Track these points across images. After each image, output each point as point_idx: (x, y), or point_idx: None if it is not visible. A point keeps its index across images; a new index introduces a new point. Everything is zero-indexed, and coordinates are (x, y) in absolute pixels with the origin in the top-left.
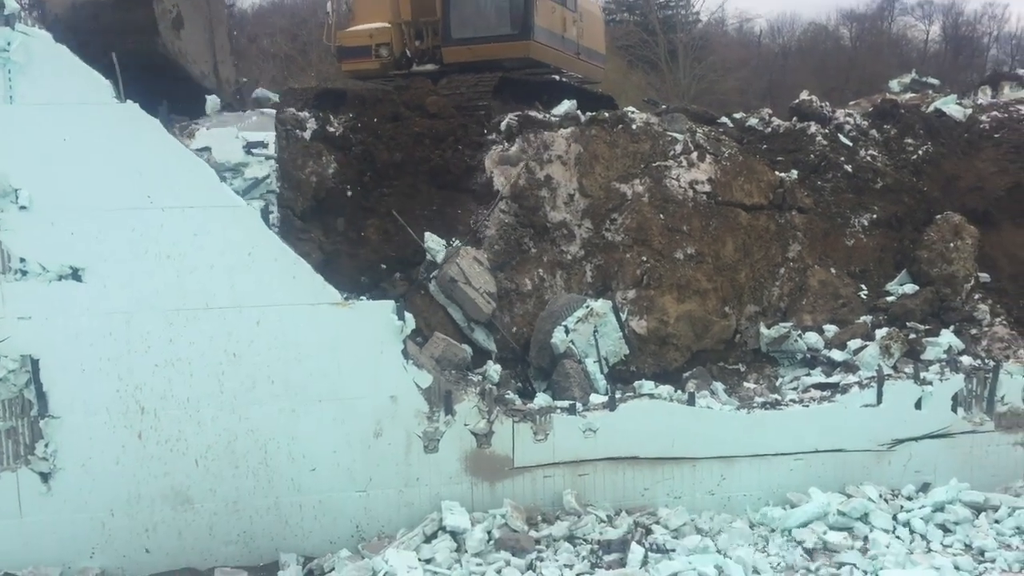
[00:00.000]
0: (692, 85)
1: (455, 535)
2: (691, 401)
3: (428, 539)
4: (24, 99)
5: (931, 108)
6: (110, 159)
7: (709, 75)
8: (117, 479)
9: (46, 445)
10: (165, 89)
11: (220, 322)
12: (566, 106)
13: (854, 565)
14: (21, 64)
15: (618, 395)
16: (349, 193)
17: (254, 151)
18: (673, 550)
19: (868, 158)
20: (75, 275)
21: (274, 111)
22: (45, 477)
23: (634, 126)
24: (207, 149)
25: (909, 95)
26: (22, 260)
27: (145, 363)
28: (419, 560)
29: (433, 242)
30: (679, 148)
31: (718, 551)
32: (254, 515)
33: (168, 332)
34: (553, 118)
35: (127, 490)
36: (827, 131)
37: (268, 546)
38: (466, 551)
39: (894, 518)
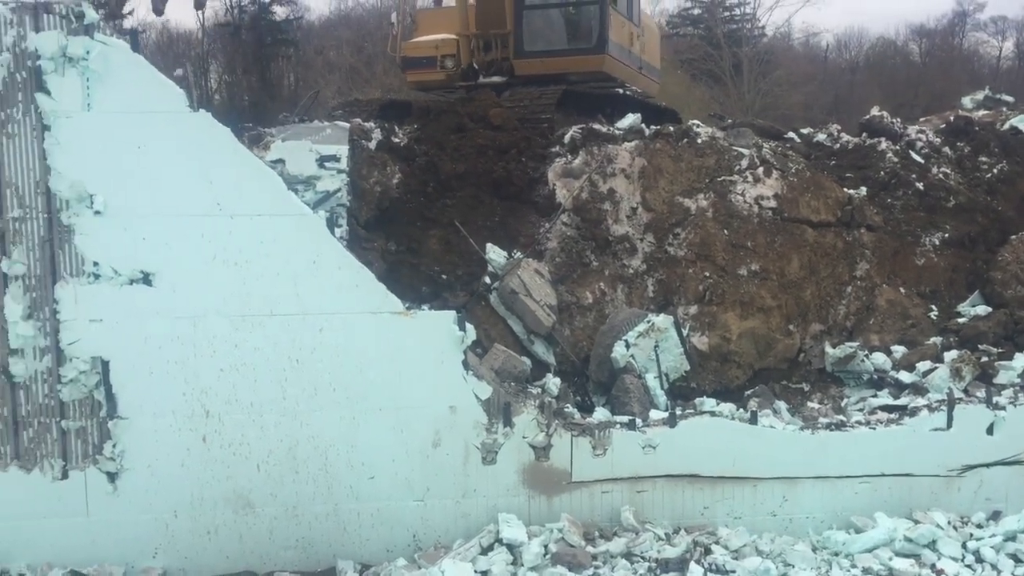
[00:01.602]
0: (756, 99)
1: (512, 548)
2: (753, 420)
3: (485, 551)
4: (101, 107)
5: (1006, 126)
6: (182, 166)
7: (774, 90)
8: (181, 481)
9: (114, 446)
10: None
11: (284, 329)
12: (630, 119)
13: None
14: (99, 73)
15: (679, 412)
16: (412, 204)
17: (326, 164)
18: (733, 571)
19: (940, 176)
20: (145, 279)
21: (347, 124)
22: (112, 477)
23: (699, 140)
24: (280, 161)
25: (982, 112)
26: (95, 264)
27: (211, 367)
28: (475, 572)
29: (495, 253)
30: (745, 163)
31: (780, 574)
32: (313, 521)
33: (234, 337)
34: (617, 131)
35: (191, 492)
36: (898, 148)
37: (326, 552)
38: (522, 564)
39: (963, 546)
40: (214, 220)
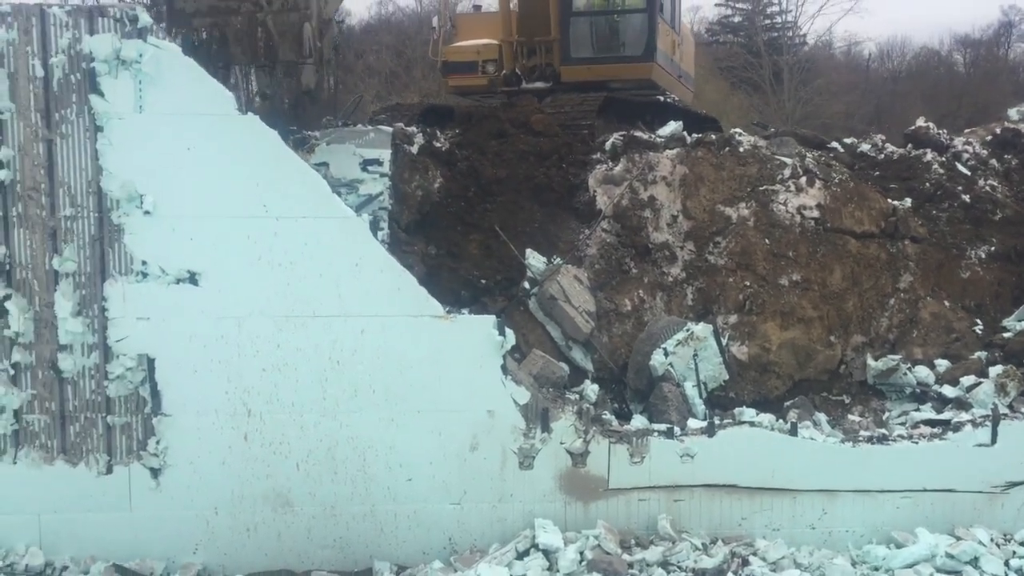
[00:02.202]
0: (797, 108)
1: (547, 554)
2: (793, 431)
3: (520, 556)
4: (152, 109)
5: None
6: (229, 168)
7: (815, 98)
8: (222, 478)
9: (157, 442)
10: None
11: (326, 330)
12: (672, 127)
13: None
14: (151, 75)
15: (717, 421)
16: (453, 208)
17: (369, 168)
18: None
19: (987, 188)
20: (192, 279)
21: (390, 128)
22: (155, 473)
23: (741, 149)
24: (324, 164)
25: None
26: (143, 263)
27: (253, 367)
28: None
29: (534, 259)
30: (787, 172)
31: None
32: (350, 521)
33: (276, 338)
34: (658, 139)
35: (231, 490)
36: (944, 159)
37: (363, 552)
38: (558, 571)
39: (1006, 564)
40: (260, 222)
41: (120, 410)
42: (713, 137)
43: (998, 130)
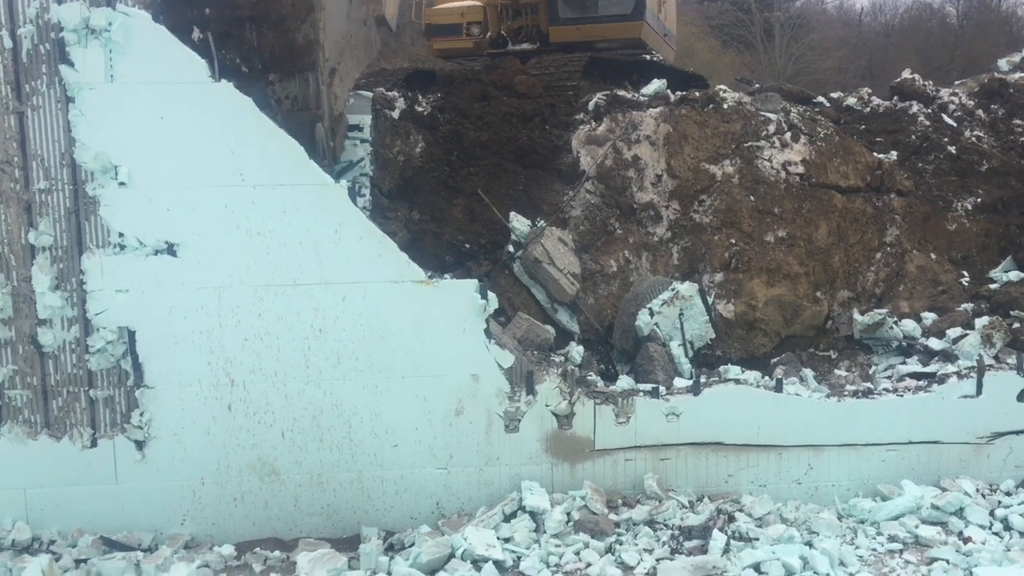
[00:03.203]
0: (788, 65)
1: (534, 515)
2: (779, 387)
3: (507, 518)
4: (124, 78)
5: None
6: (205, 137)
7: (806, 54)
8: (207, 449)
9: (141, 414)
10: None
11: (307, 298)
12: (656, 85)
13: (947, 561)
14: (121, 44)
15: (703, 379)
16: (435, 173)
17: (349, 134)
18: (757, 539)
19: (973, 139)
20: (170, 250)
21: (370, 94)
22: (140, 445)
23: (725, 105)
24: None
25: (1019, 75)
26: (120, 235)
27: (235, 337)
28: (498, 539)
29: (518, 222)
30: (772, 128)
31: (805, 543)
32: (338, 488)
33: (257, 307)
34: (642, 98)
35: (217, 460)
36: (930, 111)
37: (351, 519)
38: (545, 532)
39: (991, 514)
40: (237, 190)
41: (102, 383)
42: (697, 95)
43: (986, 80)
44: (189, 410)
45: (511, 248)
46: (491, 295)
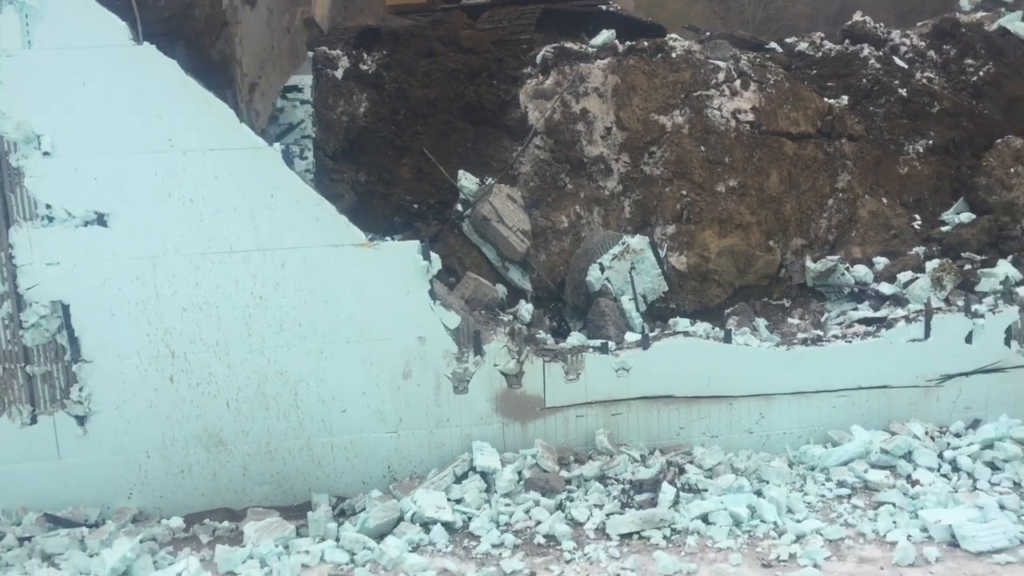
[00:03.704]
0: (758, 12)
1: (485, 476)
2: (728, 338)
3: (459, 480)
4: (42, 44)
5: (995, 26)
6: (129, 102)
7: (776, 1)
8: (151, 422)
9: (80, 389)
10: None
11: (245, 265)
12: (604, 36)
13: (894, 504)
14: (36, 8)
15: (653, 333)
16: (382, 132)
17: (289, 96)
18: (705, 490)
19: (924, 81)
20: (100, 220)
21: (310, 53)
22: (81, 420)
23: (674, 54)
24: None
25: (981, 14)
26: (48, 206)
27: (173, 307)
28: (448, 500)
29: (467, 180)
30: (721, 76)
31: (755, 492)
32: (286, 456)
33: (194, 276)
34: (591, 49)
35: (161, 432)
36: (881, 54)
37: (301, 487)
38: (496, 491)
39: (940, 456)
40: (166, 157)
41: (39, 359)
42: (645, 44)
43: (938, 21)
44: (130, 383)
45: (460, 207)
46: (434, 256)
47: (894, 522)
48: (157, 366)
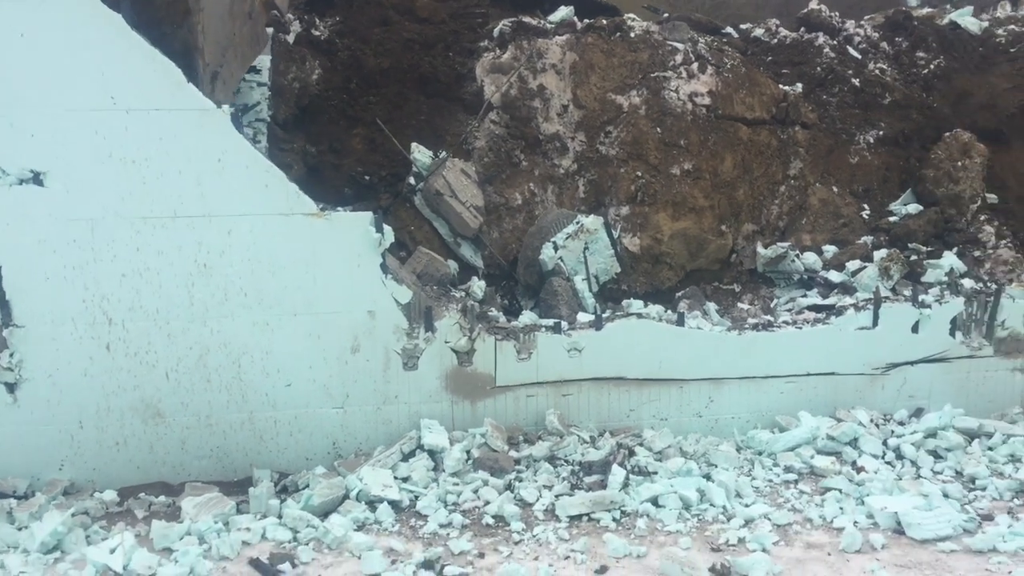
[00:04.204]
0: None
1: (433, 454)
2: (680, 321)
3: (406, 458)
4: None
5: (946, 20)
6: (69, 57)
7: None
8: (85, 391)
9: (11, 355)
10: None
11: (189, 231)
12: (563, 12)
13: (839, 490)
14: None
15: (606, 314)
16: (334, 101)
17: (246, 76)
18: (655, 472)
19: (877, 72)
20: (36, 179)
21: (269, 29)
22: (11, 388)
23: (633, 34)
24: None
25: (927, 10)
26: None
27: (112, 272)
28: (395, 478)
29: (420, 153)
30: (679, 59)
31: (703, 475)
32: (228, 430)
33: (135, 241)
34: (549, 24)
35: (96, 402)
36: (836, 43)
37: (243, 461)
38: (443, 470)
39: (884, 443)
40: (108, 115)
41: None
42: (604, 22)
43: (891, 13)
44: (64, 350)
45: (412, 180)
46: (387, 228)
47: (840, 508)
48: (93, 333)
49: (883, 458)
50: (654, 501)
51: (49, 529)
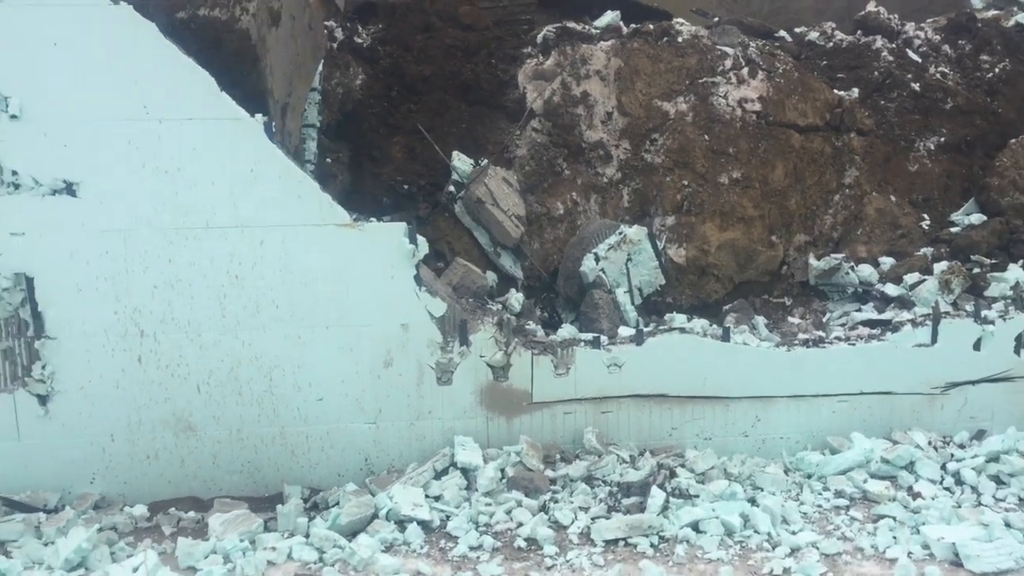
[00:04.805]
0: (764, 3)
1: (466, 472)
2: (726, 336)
3: (439, 475)
4: (11, 0)
5: (1011, 22)
6: (103, 65)
7: None
8: (117, 404)
9: (43, 367)
10: None
11: (221, 242)
12: (609, 17)
13: (893, 518)
14: None
15: (648, 328)
16: (375, 109)
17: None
18: (697, 495)
19: (938, 76)
20: (69, 189)
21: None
22: (43, 400)
23: (680, 39)
24: None
25: (992, 12)
26: (14, 173)
27: (144, 284)
28: (426, 497)
29: (460, 161)
30: (729, 63)
31: (748, 499)
32: (259, 444)
33: (167, 252)
34: (594, 30)
35: (127, 415)
36: (894, 46)
37: (274, 476)
38: (476, 489)
39: (943, 468)
40: (141, 125)
41: (1, 334)
42: (651, 27)
43: (953, 15)
44: (95, 362)
45: (452, 189)
46: (421, 240)
47: (894, 537)
48: (125, 345)
49: (941, 483)
50: (695, 526)
51: (73, 546)
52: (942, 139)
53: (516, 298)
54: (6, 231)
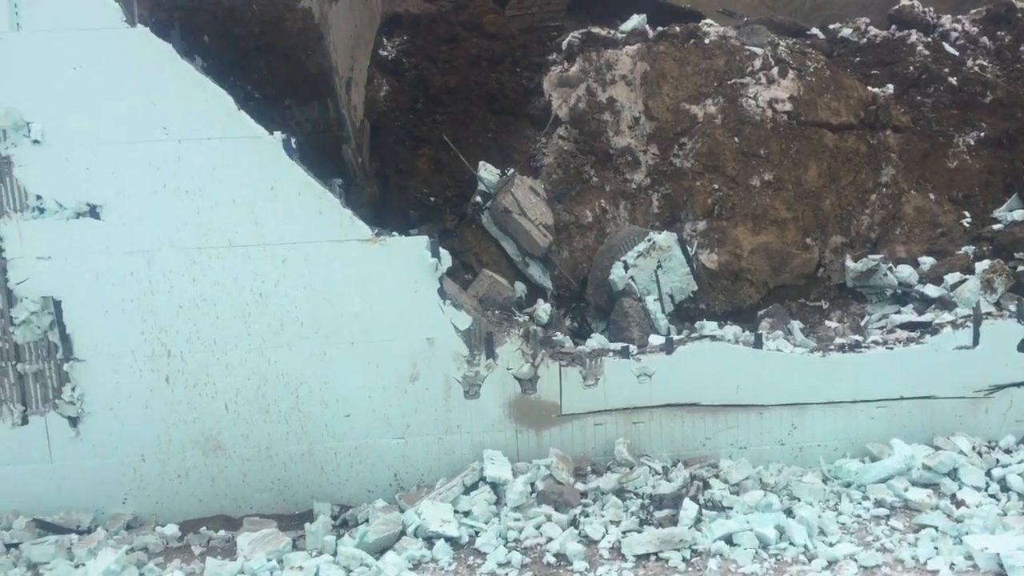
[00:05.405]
0: (806, 1)
1: (495, 487)
2: (758, 343)
3: (468, 490)
4: (31, 26)
5: None
6: (122, 88)
7: None
8: (146, 424)
9: (73, 389)
10: None
11: (244, 260)
12: (635, 21)
13: (936, 528)
14: None
15: (678, 336)
16: (400, 121)
17: None
18: (731, 507)
19: (976, 69)
20: (92, 212)
21: None
22: (73, 421)
23: (707, 40)
24: None
25: None
26: (38, 197)
27: (169, 304)
28: (455, 513)
29: (486, 171)
30: (758, 64)
31: (784, 509)
32: (288, 462)
33: (191, 271)
34: (619, 34)
35: (157, 435)
36: (930, 40)
37: (304, 494)
38: (506, 504)
39: (988, 474)
40: (161, 146)
41: (31, 357)
42: (677, 29)
43: (991, 5)
44: (124, 383)
45: (479, 199)
46: (444, 253)
47: (936, 548)
48: (152, 366)
49: (986, 490)
50: (728, 539)
51: (103, 568)
52: (982, 134)
53: (543, 309)
54: (33, 255)
